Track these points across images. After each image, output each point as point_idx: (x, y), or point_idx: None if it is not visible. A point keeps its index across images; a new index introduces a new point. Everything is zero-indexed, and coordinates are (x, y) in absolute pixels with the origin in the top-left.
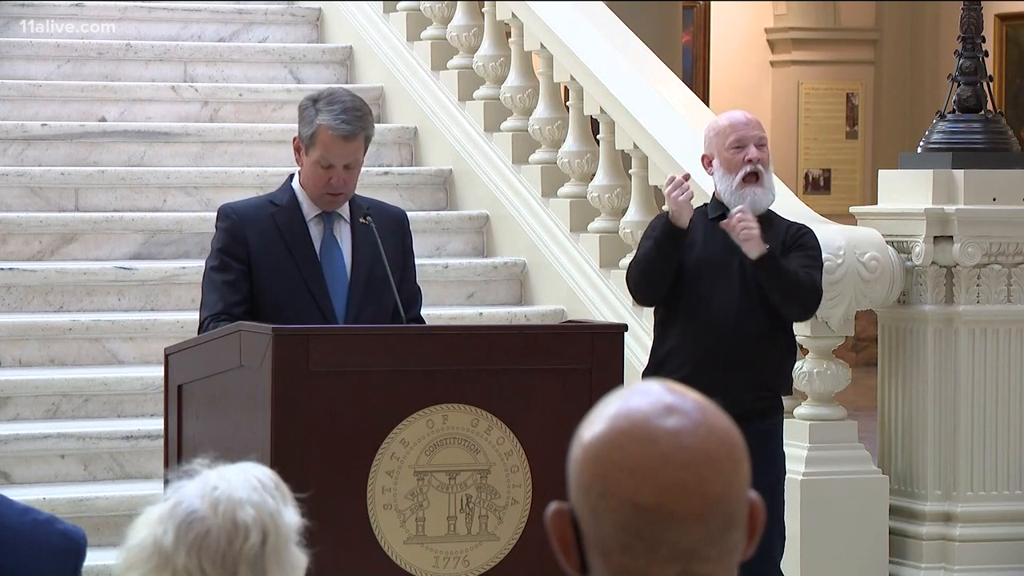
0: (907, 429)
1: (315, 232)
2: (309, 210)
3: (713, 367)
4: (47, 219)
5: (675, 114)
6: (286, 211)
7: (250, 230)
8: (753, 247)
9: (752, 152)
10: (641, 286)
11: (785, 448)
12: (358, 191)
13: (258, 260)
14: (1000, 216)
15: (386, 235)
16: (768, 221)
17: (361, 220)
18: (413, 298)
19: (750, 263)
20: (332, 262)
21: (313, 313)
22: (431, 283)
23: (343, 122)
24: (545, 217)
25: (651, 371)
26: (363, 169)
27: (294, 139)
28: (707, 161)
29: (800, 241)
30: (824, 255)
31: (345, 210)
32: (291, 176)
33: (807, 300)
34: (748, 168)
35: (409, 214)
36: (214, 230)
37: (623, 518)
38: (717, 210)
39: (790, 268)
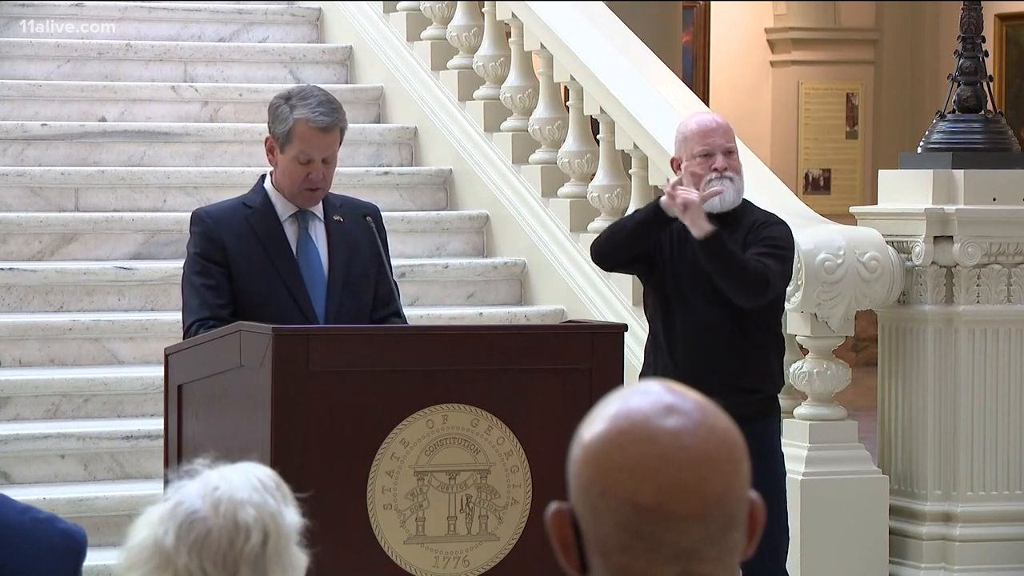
0: (907, 429)
1: (290, 232)
2: (283, 210)
3: (696, 376)
4: (47, 219)
5: (675, 114)
6: (260, 212)
7: (225, 233)
8: (697, 226)
9: (719, 161)
10: (604, 248)
11: (785, 448)
12: (358, 191)
13: (235, 262)
14: (1000, 216)
15: (361, 230)
16: (739, 217)
17: (337, 219)
18: (390, 292)
19: (697, 246)
20: (309, 261)
21: (293, 313)
22: (431, 283)
23: (321, 114)
24: (545, 217)
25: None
26: (363, 169)
27: (266, 139)
28: (676, 164)
29: (763, 234)
30: (824, 255)
31: (319, 209)
32: (262, 177)
33: (751, 286)
34: (715, 177)
35: (409, 214)
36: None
37: (623, 518)
38: None
39: (737, 253)
